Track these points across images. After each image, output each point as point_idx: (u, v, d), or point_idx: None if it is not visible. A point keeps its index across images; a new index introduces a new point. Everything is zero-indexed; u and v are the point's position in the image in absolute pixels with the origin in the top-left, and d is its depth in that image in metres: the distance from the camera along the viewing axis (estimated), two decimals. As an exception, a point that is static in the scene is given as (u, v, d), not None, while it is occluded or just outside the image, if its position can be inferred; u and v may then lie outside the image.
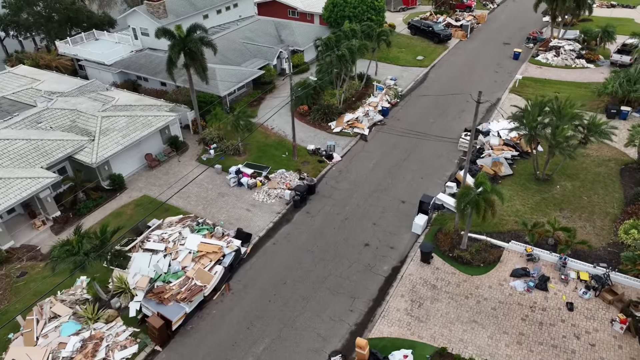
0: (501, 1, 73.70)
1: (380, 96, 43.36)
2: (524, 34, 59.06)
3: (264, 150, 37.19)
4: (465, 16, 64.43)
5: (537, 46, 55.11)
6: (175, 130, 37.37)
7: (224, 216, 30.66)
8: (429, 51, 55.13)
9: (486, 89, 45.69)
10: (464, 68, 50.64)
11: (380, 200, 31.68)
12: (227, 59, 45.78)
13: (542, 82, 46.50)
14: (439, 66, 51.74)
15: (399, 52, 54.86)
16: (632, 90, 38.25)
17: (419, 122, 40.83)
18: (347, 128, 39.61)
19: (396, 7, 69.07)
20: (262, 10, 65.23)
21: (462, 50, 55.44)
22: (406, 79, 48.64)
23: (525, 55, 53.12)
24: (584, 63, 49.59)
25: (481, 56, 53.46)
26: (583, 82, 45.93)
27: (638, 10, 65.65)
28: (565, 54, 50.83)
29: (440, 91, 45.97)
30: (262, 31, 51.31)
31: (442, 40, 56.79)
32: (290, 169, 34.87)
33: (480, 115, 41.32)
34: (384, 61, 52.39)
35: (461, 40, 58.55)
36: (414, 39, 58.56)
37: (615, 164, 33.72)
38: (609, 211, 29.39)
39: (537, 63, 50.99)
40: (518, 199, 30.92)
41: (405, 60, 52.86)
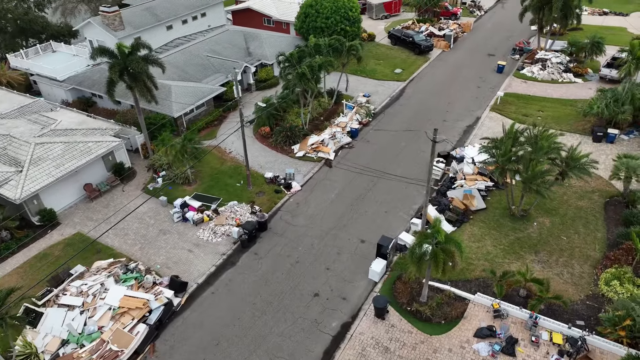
0: (489, 8, 70.60)
1: (350, 115, 40.22)
2: (510, 43, 55.94)
3: (217, 178, 34.05)
4: (450, 25, 61.29)
5: (523, 58, 51.98)
6: (121, 156, 34.24)
7: (162, 258, 27.53)
8: (409, 63, 52.00)
9: (465, 106, 42.66)
10: (444, 82, 47.49)
11: (337, 240, 28.53)
12: (187, 74, 42.64)
13: (525, 99, 43.35)
14: (418, 80, 48.59)
15: (377, 64, 51.73)
16: (620, 111, 35.13)
17: (390, 144, 37.69)
18: (311, 152, 36.47)
19: (378, 15, 65.92)
20: (237, 19, 62.23)
21: (443, 62, 52.29)
22: (381, 95, 45.49)
23: (510, 68, 49.99)
24: (572, 77, 46.45)
25: (463, 69, 50.32)
26: (569, 99, 42.78)
27: (631, 18, 62.54)
28: (552, 67, 47.70)
29: (416, 107, 42.85)
30: (229, 43, 48.16)
31: (423, 52, 53.64)
32: (243, 200, 31.75)
33: (456, 137, 38.30)
34: (360, 74, 49.29)
35: (444, 50, 55.43)
36: (393, 50, 55.43)
37: (600, 196, 30.59)
38: (590, 254, 26.26)
39: (522, 77, 47.84)
40: (490, 238, 27.78)
41: (383, 73, 49.72)
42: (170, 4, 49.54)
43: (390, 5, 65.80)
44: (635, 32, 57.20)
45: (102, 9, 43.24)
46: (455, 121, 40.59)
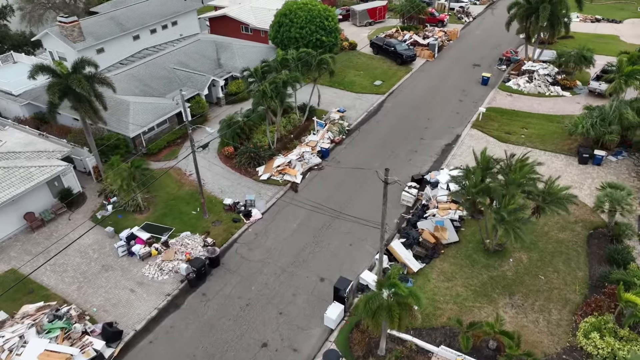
0: (478, 14, 68.13)
1: (322, 134, 37.74)
2: (498, 53, 53.46)
3: (172, 205, 31.57)
4: (436, 32, 58.82)
5: (510, 69, 49.53)
6: (69, 181, 31.74)
7: (100, 300, 25.05)
8: (390, 74, 49.52)
9: (446, 122, 40.21)
10: (425, 95, 45.01)
11: (294, 278, 26.05)
12: (151, 89, 40.17)
13: (509, 115, 40.87)
14: (398, 93, 46.10)
15: (356, 75, 49.27)
16: (607, 131, 32.68)
17: (362, 165, 35.16)
18: (277, 175, 34.00)
19: (362, 22, 63.43)
20: (215, 27, 59.83)
21: (426, 73, 49.81)
22: (358, 109, 43.02)
23: (496, 80, 47.53)
24: (559, 91, 43.99)
25: (447, 81, 47.85)
26: (556, 115, 40.30)
27: (624, 25, 60.11)
28: (539, 80, 45.24)
29: (394, 123, 40.38)
30: (199, 54, 45.66)
31: (406, 62, 51.16)
32: (197, 230, 29.29)
33: (433, 158, 35.85)
34: (338, 87, 46.81)
35: (428, 60, 52.96)
36: (375, 60, 52.96)
37: (583, 227, 28.12)
38: (569, 297, 23.81)
39: (507, 90, 45.38)
40: (461, 277, 25.32)
41: (362, 85, 47.24)
42: (138, 13, 47.11)
43: (375, 12, 63.34)
44: (628, 40, 54.82)
45: (60, 19, 40.79)
46: (434, 139, 38.12)
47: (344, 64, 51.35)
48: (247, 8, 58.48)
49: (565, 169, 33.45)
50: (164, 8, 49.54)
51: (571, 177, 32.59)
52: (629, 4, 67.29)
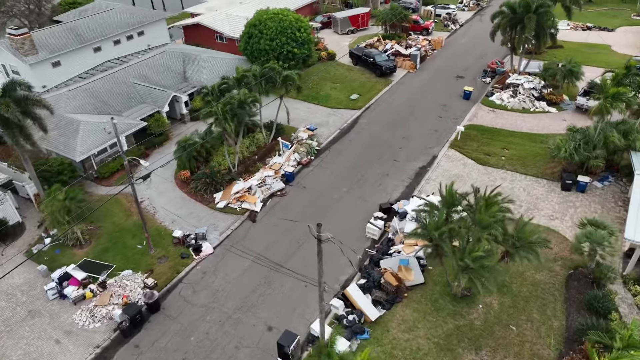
0: (466, 21, 65.56)
1: (287, 155, 35.15)
2: (483, 63, 50.87)
3: (117, 238, 28.99)
4: (420, 41, 56.26)
5: (494, 81, 46.97)
6: (5, 210, 29.15)
7: (19, 354, 22.45)
8: (368, 87, 46.94)
9: (422, 142, 37.62)
10: (403, 111, 42.42)
11: (239, 326, 23.45)
12: (107, 106, 37.58)
13: (491, 133, 38.28)
14: (375, 107, 43.51)
15: (332, 88, 46.69)
16: (592, 156, 30.13)
17: (329, 190, 32.63)
18: (234, 202, 31.43)
19: (344, 29, 60.85)
20: (189, 35, 57.34)
21: (406, 87, 47.22)
22: (331, 126, 40.43)
23: (479, 94, 44.95)
24: (545, 106, 41.41)
25: (427, 94, 45.27)
26: (539, 134, 37.71)
27: (616, 34, 57.57)
28: (524, 94, 42.67)
29: (367, 142, 37.82)
30: (164, 66, 43.09)
31: (385, 74, 48.57)
32: (140, 268, 26.73)
33: (405, 182, 33.26)
34: (312, 101, 44.25)
35: (409, 71, 50.37)
36: (353, 71, 50.39)
37: (563, 266, 25.54)
38: (542, 354, 21.23)
39: (490, 105, 42.79)
40: (424, 326, 22.73)
41: (337, 99, 44.66)
42: (99, 23, 44.52)
43: (357, 19, 60.76)
44: (619, 50, 52.27)
45: (9, 31, 38.20)
46: (408, 161, 35.54)
47: (320, 76, 48.83)
48: (222, 16, 55.96)
49: (546, 196, 30.89)
50: (130, 17, 46.96)
51: (552, 205, 30.04)
52: (622, 11, 64.78)
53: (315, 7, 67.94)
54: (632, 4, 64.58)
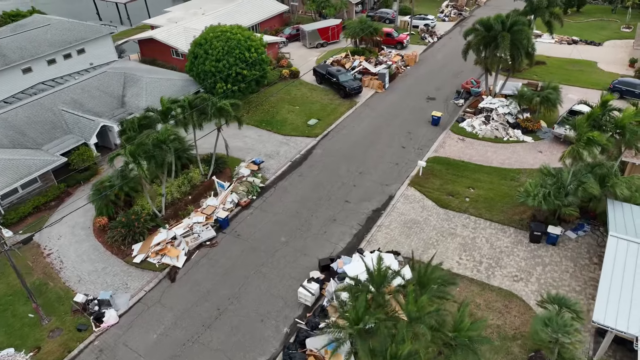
0: (445, 33, 61.51)
1: (223, 196, 31.10)
2: (458, 82, 46.82)
3: (7, 304, 24.82)
4: (392, 56, 52.23)
5: (468, 104, 42.95)
6: None
7: None
8: (329, 110, 42.90)
9: (379, 178, 33.60)
10: (364, 140, 38.38)
11: None
12: (26, 138, 33.52)
13: (457, 168, 34.24)
14: (334, 135, 39.44)
15: (290, 112, 42.64)
16: (564, 204, 26.10)
17: (266, 240, 28.56)
18: (154, 256, 27.37)
19: (312, 43, 56.79)
20: (145, 50, 53.35)
21: (371, 110, 43.16)
22: (281, 158, 36.39)
23: (450, 119, 40.93)
24: (519, 135, 37.37)
25: (393, 119, 41.22)
26: (511, 169, 33.67)
27: (604, 48, 53.53)
28: (497, 120, 38.65)
29: (319, 178, 33.80)
30: (101, 90, 39.03)
31: (350, 95, 44.54)
32: (26, 344, 22.65)
33: (353, 230, 29.20)
34: (265, 127, 40.22)
35: (377, 92, 46.36)
36: (316, 91, 46.36)
37: (522, 348, 21.47)
38: None
39: (460, 132, 38.73)
40: None
41: (293, 125, 40.60)
42: (29, 41, 40.47)
43: (327, 32, 56.70)
44: (606, 68, 48.23)
45: None
46: (361, 201, 31.51)
47: (279, 97, 44.81)
48: (179, 29, 51.88)
49: (512, 250, 26.87)
50: (67, 34, 42.90)
51: (517, 262, 26.01)
52: (611, 22, 60.78)
53: (285, 18, 63.91)
54: (622, 15, 60.61)
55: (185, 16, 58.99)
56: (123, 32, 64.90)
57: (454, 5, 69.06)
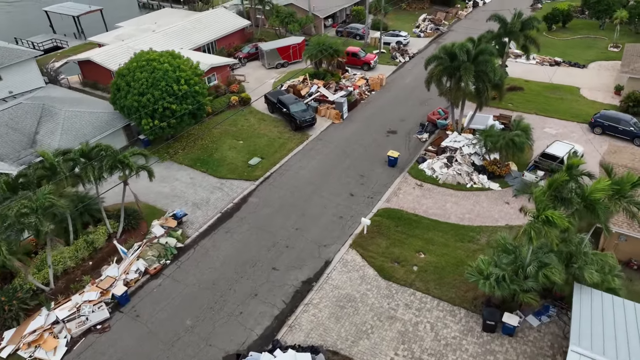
0: (419, 50, 56.79)
1: (126, 265, 26.32)
2: (424, 112, 42.16)
3: None
4: (356, 80, 47.53)
5: (432, 139, 38.23)
6: None
7: None
8: (277, 146, 38.14)
9: (317, 236, 28.94)
10: (309, 184, 33.60)
11: None
12: None
13: (408, 224, 29.45)
14: (276, 178, 34.64)
15: (232, 147, 37.87)
16: (522, 289, 21.37)
17: (171, 323, 23.76)
18: (25, 348, 22.55)
19: (272, 63, 52.01)
20: (86, 71, 49.28)
21: (324, 145, 38.39)
22: (210, 208, 31.61)
23: (410, 157, 36.25)
24: (484, 181, 32.65)
25: (346, 158, 36.46)
26: (471, 226, 28.94)
27: (588, 71, 48.81)
28: (462, 162, 33.93)
29: (248, 236, 29.03)
30: (10, 125, 34.16)
31: (301, 128, 39.81)
32: None
33: (274, 311, 24.46)
34: (199, 168, 35.47)
35: (334, 122, 41.62)
36: (266, 122, 41.63)
37: None
38: None
39: (419, 175, 33.97)
40: None
41: (232, 165, 35.83)
42: None
43: (287, 50, 51.91)
44: (589, 95, 43.56)
45: None
46: (290, 269, 26.73)
47: (223, 129, 40.10)
48: (123, 48, 47.18)
49: (460, 342, 22.14)
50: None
51: (465, 358, 21.29)
52: (598, 40, 56.07)
53: (248, 33, 59.15)
54: (610, 32, 55.94)
55: (136, 33, 54.31)
56: (74, 48, 60.20)
57: (431, 20, 64.34)
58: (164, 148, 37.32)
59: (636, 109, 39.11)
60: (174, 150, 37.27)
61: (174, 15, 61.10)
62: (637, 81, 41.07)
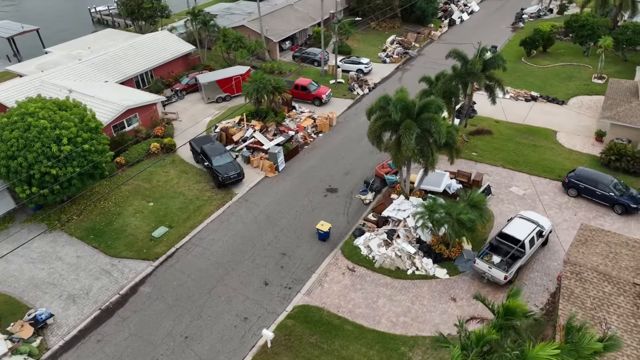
0: (382, 79, 50.79)
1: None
2: (374, 162, 36.17)
3: None
4: (302, 119, 41.54)
5: (376, 202, 32.20)
6: None
7: None
8: (192, 209, 32.07)
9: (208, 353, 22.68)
10: (217, 267, 27.45)
11: None
12: None
13: (326, 332, 23.32)
14: (182, 256, 28.49)
15: (139, 211, 31.80)
16: None
17: None
18: None
19: (211, 97, 45.94)
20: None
21: (248, 209, 32.26)
22: (90, 302, 25.47)
23: (347, 227, 30.26)
24: (429, 267, 26.57)
25: (270, 228, 30.35)
26: (404, 337, 22.77)
27: (567, 109, 42.78)
28: (404, 239, 27.91)
29: (124, 347, 22.96)
30: None
31: (224, 185, 33.78)
32: None
33: None
34: (91, 242, 29.39)
35: (267, 176, 35.60)
36: (188, 174, 35.65)
37: None
38: None
39: (353, 255, 27.88)
40: None
41: (132, 237, 29.73)
42: None
43: (229, 83, 45.82)
44: (566, 142, 37.56)
45: None
46: (164, 405, 20.72)
47: (135, 185, 34.14)
48: (35, 83, 41.20)
49: None
50: None
51: None
52: (582, 69, 50.01)
53: (193, 60, 53.01)
54: (595, 59, 49.93)
55: (63, 60, 48.26)
56: (1, 75, 54.02)
57: (400, 42, 58.34)
58: (57, 213, 31.33)
59: (618, 163, 33.19)
60: (68, 216, 31.21)
61: (114, 37, 54.98)
62: (620, 128, 35.21)
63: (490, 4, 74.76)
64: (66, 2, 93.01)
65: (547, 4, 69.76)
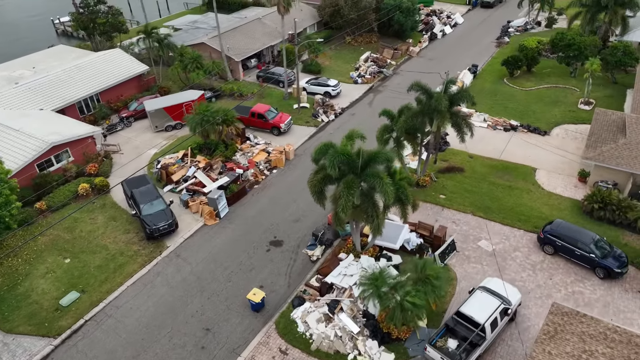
0: (351, 102, 46.62)
1: None
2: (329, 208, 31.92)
3: None
4: (255, 154, 37.37)
5: (322, 262, 28.00)
6: None
7: None
8: (113, 268, 27.88)
9: None
10: (128, 345, 23.30)
11: None
12: None
13: None
14: (90, 331, 24.27)
15: (51, 270, 27.69)
16: None
17: None
18: None
19: (160, 125, 41.71)
20: None
21: (176, 267, 28.00)
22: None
23: (292, 287, 26.13)
24: (373, 351, 22.30)
25: (197, 294, 26.13)
26: None
27: (551, 139, 38.56)
28: (348, 312, 23.71)
29: None
30: None
31: (153, 237, 29.60)
32: None
33: None
34: (-13, 311, 25.25)
35: (205, 224, 31.44)
36: (117, 222, 31.59)
37: None
38: None
39: (287, 333, 23.62)
40: None
41: (36, 306, 25.51)
42: None
43: (179, 109, 41.40)
44: (545, 183, 33.41)
45: None
46: None
47: (54, 235, 30.19)
48: None
49: None
50: None
51: None
52: (568, 92, 45.82)
53: (147, 81, 48.63)
54: (582, 81, 45.70)
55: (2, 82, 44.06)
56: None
57: (375, 60, 54.19)
58: (-45, 273, 27.19)
59: (602, 212, 29.10)
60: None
61: (63, 56, 50.68)
62: (605, 169, 31.15)
63: (475, 16, 70.57)
64: (45, 3, 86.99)
65: (534, 16, 65.59)
